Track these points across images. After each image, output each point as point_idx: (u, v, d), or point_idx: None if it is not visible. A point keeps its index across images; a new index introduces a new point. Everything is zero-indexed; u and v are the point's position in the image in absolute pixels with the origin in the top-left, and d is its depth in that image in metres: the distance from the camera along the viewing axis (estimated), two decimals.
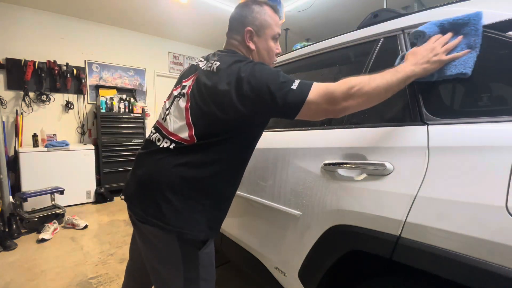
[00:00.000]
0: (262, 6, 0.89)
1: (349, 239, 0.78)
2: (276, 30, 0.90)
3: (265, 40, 0.90)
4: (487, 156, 0.55)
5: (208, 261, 0.86)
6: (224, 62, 0.81)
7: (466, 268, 0.53)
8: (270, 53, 0.92)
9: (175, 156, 0.79)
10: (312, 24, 4.06)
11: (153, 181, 0.79)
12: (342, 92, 0.68)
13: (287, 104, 0.71)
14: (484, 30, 0.65)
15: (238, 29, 0.89)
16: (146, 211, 0.78)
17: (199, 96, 0.81)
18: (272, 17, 0.89)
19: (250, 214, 1.23)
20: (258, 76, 0.73)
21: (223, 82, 0.76)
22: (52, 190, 2.97)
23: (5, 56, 3.33)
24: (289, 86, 0.71)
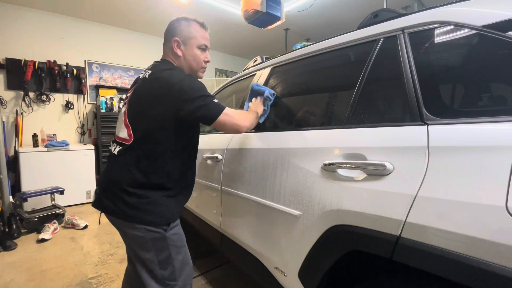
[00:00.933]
0: (188, 21, 1.07)
1: (349, 239, 0.78)
2: (201, 41, 1.07)
3: (191, 49, 1.06)
4: (487, 156, 0.55)
5: (177, 241, 1.00)
6: (155, 70, 0.99)
7: (466, 268, 0.53)
8: (196, 59, 1.08)
9: (121, 158, 0.97)
10: (312, 24, 4.06)
11: (109, 182, 0.97)
12: (242, 115, 1.06)
13: (210, 111, 0.94)
14: (484, 30, 0.65)
15: (168, 39, 1.06)
16: (110, 207, 0.95)
17: (134, 99, 1.00)
18: (197, 30, 1.07)
19: (250, 214, 1.23)
20: (184, 84, 0.92)
21: (154, 84, 0.95)
22: (52, 190, 2.97)
23: (5, 56, 3.33)
24: (212, 99, 0.95)
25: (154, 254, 0.95)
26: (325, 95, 1.22)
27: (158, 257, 0.95)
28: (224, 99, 1.99)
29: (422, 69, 0.75)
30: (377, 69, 0.87)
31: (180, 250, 1.01)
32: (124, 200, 0.92)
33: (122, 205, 0.93)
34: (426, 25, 0.77)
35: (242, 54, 5.71)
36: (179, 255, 1.00)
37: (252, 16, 2.65)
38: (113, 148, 1.03)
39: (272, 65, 1.41)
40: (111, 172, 0.98)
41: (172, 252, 0.97)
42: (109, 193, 0.96)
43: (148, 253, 0.95)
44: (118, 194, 0.93)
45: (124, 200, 0.92)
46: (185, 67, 1.07)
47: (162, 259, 0.96)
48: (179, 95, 0.91)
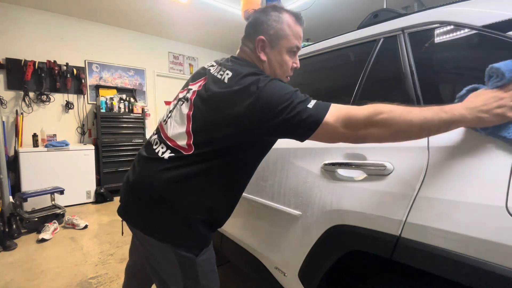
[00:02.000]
0: (281, 13, 0.81)
1: (349, 239, 0.78)
2: (293, 43, 0.82)
3: (278, 52, 0.82)
4: (487, 156, 0.55)
5: (207, 266, 0.83)
6: (236, 73, 0.75)
7: (466, 268, 0.53)
8: (283, 67, 0.84)
9: (168, 167, 0.75)
10: (312, 24, 4.06)
11: (145, 192, 0.76)
12: (364, 117, 0.61)
13: (300, 124, 0.65)
14: (484, 30, 0.65)
15: (251, 36, 0.83)
16: (139, 220, 0.78)
17: (204, 103, 0.76)
18: (291, 27, 0.81)
19: (250, 214, 1.23)
20: (271, 92, 0.68)
21: (233, 93, 0.71)
22: (52, 190, 2.97)
23: (5, 56, 3.33)
24: (305, 105, 0.65)
25: (180, 279, 0.79)
26: (325, 95, 1.22)
27: (184, 283, 0.79)
28: None
29: (422, 69, 0.75)
30: (377, 69, 0.87)
31: (209, 276, 0.84)
32: (157, 216, 0.75)
33: (155, 220, 0.75)
34: (426, 25, 0.77)
35: None
36: (206, 281, 0.83)
37: None
38: (159, 149, 0.79)
39: None
40: (150, 178, 0.76)
41: (200, 279, 0.80)
42: (140, 203, 0.77)
43: (173, 278, 0.80)
44: (151, 207, 0.75)
45: (157, 215, 0.75)
46: (268, 73, 0.82)
47: (188, 284, 0.80)
48: (269, 108, 0.67)
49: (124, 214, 0.82)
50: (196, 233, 0.78)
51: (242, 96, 0.69)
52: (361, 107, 0.64)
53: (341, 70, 1.13)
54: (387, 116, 0.59)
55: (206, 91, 0.77)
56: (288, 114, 0.65)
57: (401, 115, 0.58)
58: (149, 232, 0.76)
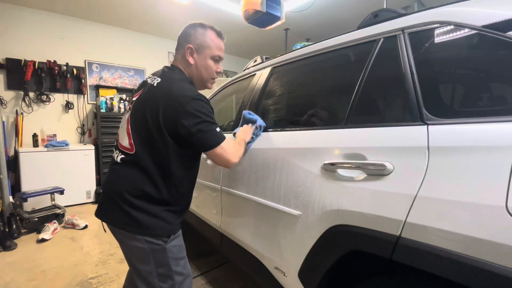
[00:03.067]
0: (206, 29, 1.01)
1: (349, 239, 0.78)
2: (215, 52, 1.02)
3: (204, 58, 1.01)
4: (487, 156, 0.55)
5: (177, 253, 0.96)
6: (165, 78, 0.95)
7: (466, 268, 0.53)
8: (208, 70, 1.03)
9: (124, 167, 0.93)
10: (312, 24, 4.06)
11: (112, 192, 0.92)
12: (235, 150, 1.00)
13: (208, 140, 0.91)
14: (484, 30, 0.65)
15: (182, 45, 1.01)
16: (113, 217, 0.92)
17: (138, 107, 0.94)
18: (213, 40, 1.01)
19: (250, 214, 1.23)
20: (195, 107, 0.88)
21: (160, 95, 0.90)
22: (52, 190, 2.97)
23: (5, 56, 3.33)
24: (215, 128, 0.92)
25: (153, 266, 0.92)
26: (325, 95, 1.22)
27: (157, 270, 0.92)
28: (225, 99, 1.99)
29: (422, 69, 0.75)
30: (377, 69, 0.87)
31: (180, 262, 0.97)
32: (125, 211, 0.89)
33: (124, 216, 0.89)
34: (426, 25, 0.77)
35: (242, 54, 5.71)
36: (179, 267, 0.96)
37: (252, 16, 2.65)
38: (116, 155, 0.97)
39: (272, 65, 1.41)
40: (113, 181, 0.94)
41: (171, 265, 0.93)
42: (110, 203, 0.92)
43: (147, 266, 0.92)
44: (119, 204, 0.89)
45: (125, 210, 0.89)
46: (195, 76, 1.03)
47: (161, 272, 0.92)
48: (184, 114, 0.86)
49: (100, 215, 0.96)
50: (163, 221, 0.92)
51: (166, 98, 0.88)
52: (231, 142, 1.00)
53: (341, 70, 1.13)
54: (239, 150, 1.05)
55: (141, 97, 0.96)
56: (195, 126, 0.88)
57: (241, 149, 1.06)
58: (121, 225, 0.90)
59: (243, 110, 1.32)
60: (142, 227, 0.89)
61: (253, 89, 1.45)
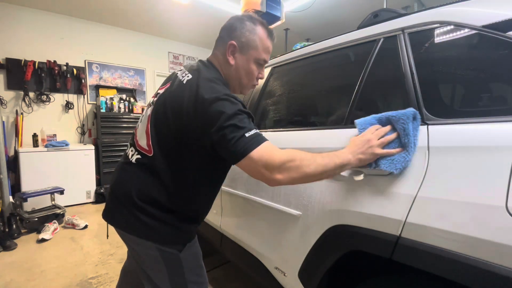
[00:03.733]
0: (256, 25, 0.84)
1: (349, 239, 0.78)
2: (261, 55, 0.86)
3: (247, 60, 0.86)
4: (487, 156, 0.55)
5: (193, 262, 0.87)
6: (195, 76, 0.79)
7: (466, 268, 0.53)
8: (249, 76, 0.88)
9: (139, 169, 0.81)
10: (312, 24, 4.06)
11: (123, 195, 0.81)
12: (280, 162, 0.67)
13: (231, 149, 0.69)
14: (484, 30, 0.65)
15: (224, 39, 0.86)
16: (122, 221, 0.83)
17: (161, 104, 0.81)
18: (262, 40, 0.85)
19: (250, 214, 1.23)
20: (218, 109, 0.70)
21: (187, 94, 0.75)
22: (52, 190, 2.97)
23: (5, 56, 3.33)
24: (242, 133, 0.69)
25: (165, 275, 0.83)
26: (325, 95, 1.22)
27: (171, 278, 0.83)
28: None
29: (422, 69, 0.75)
30: (377, 69, 0.87)
31: (196, 271, 0.88)
32: (135, 216, 0.79)
33: (134, 220, 0.79)
34: (426, 25, 0.77)
35: None
36: (194, 276, 0.86)
37: None
38: (131, 153, 0.85)
39: (272, 65, 1.41)
40: (124, 182, 0.83)
41: (186, 274, 0.84)
42: (119, 205, 0.83)
43: (159, 273, 0.83)
44: (129, 208, 0.79)
45: (135, 215, 0.79)
46: (233, 78, 0.87)
47: (175, 281, 0.84)
48: (207, 119, 0.71)
49: (108, 217, 0.87)
50: (177, 229, 0.82)
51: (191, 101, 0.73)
52: (281, 152, 0.69)
53: (341, 70, 1.13)
54: (298, 163, 0.68)
55: (167, 93, 0.82)
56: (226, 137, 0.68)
57: (309, 164, 0.68)
58: (132, 231, 0.81)
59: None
60: (153, 234, 0.80)
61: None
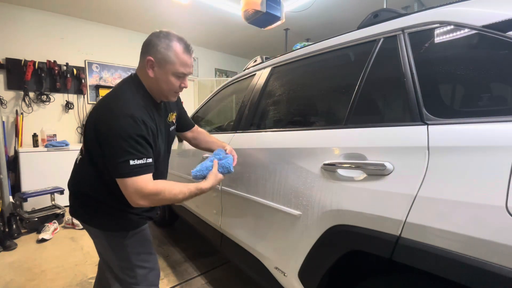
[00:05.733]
0: (170, 40, 0.90)
1: (349, 239, 0.78)
2: (178, 69, 0.91)
3: (165, 73, 0.91)
4: (487, 156, 0.55)
5: (138, 248, 1.00)
6: (111, 93, 0.93)
7: (466, 268, 0.53)
8: (169, 86, 0.94)
9: (81, 167, 0.97)
10: (312, 24, 4.06)
11: (74, 190, 0.99)
12: (145, 194, 0.83)
13: (113, 169, 0.83)
14: (484, 30, 0.65)
15: (143, 54, 0.93)
16: (78, 212, 0.99)
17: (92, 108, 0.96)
18: (178, 55, 0.90)
19: (250, 214, 1.23)
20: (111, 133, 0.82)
21: (99, 103, 0.92)
22: (52, 190, 2.97)
23: (5, 56, 3.32)
24: (123, 158, 0.81)
25: (115, 258, 0.97)
26: (325, 95, 1.22)
27: (119, 263, 0.97)
28: (225, 99, 1.99)
29: (422, 69, 0.75)
30: (377, 69, 0.87)
31: (142, 256, 1.00)
32: (84, 206, 0.97)
33: (82, 212, 0.98)
34: (426, 25, 0.77)
35: (242, 54, 5.71)
36: (140, 261, 0.99)
37: (252, 16, 2.65)
38: (78, 155, 1.03)
39: (272, 65, 1.41)
40: (75, 179, 1.00)
41: (132, 259, 0.97)
42: (74, 198, 0.99)
43: (110, 257, 0.98)
44: (79, 200, 0.98)
45: (84, 206, 0.97)
46: (155, 88, 0.95)
47: (123, 265, 0.97)
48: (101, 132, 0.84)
49: (71, 211, 1.02)
50: (116, 218, 0.96)
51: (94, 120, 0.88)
52: (152, 184, 0.85)
53: (341, 70, 1.13)
54: (160, 197, 0.86)
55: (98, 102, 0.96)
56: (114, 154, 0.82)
57: (171, 196, 0.88)
58: (83, 220, 0.98)
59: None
60: (97, 222, 0.96)
61: (253, 89, 1.45)
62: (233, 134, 1.44)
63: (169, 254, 2.15)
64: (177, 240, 2.35)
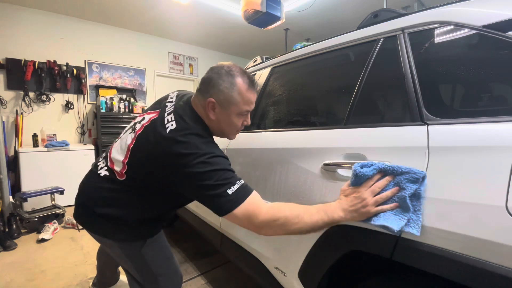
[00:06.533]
0: (234, 79, 0.82)
1: (349, 239, 0.78)
2: (243, 108, 0.85)
3: (228, 115, 0.85)
4: (487, 156, 0.55)
5: (156, 255, 0.97)
6: (179, 127, 0.80)
7: (466, 268, 0.53)
8: (231, 127, 0.89)
9: (104, 183, 0.89)
10: (312, 24, 4.06)
11: (88, 200, 0.92)
12: (264, 220, 0.72)
13: (216, 207, 0.75)
14: (484, 30, 0.65)
15: (204, 93, 0.86)
16: (85, 221, 0.94)
17: (143, 144, 0.84)
18: (242, 94, 0.83)
19: None
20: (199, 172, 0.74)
21: (167, 153, 0.77)
22: (52, 190, 2.97)
23: (5, 56, 3.33)
24: (225, 190, 0.73)
25: (133, 267, 0.96)
26: (325, 95, 1.22)
27: (139, 272, 0.96)
28: None
29: (422, 69, 0.75)
30: (377, 69, 0.87)
31: (161, 263, 0.98)
32: (97, 219, 0.90)
33: (96, 222, 0.91)
34: (426, 25, 0.77)
35: (242, 54, 5.71)
36: (158, 268, 0.97)
37: (252, 16, 2.65)
38: (100, 166, 0.93)
39: (272, 65, 1.41)
40: (91, 189, 0.93)
41: (152, 267, 0.95)
42: (85, 208, 0.92)
43: (128, 266, 0.98)
44: (94, 214, 0.89)
45: (97, 219, 0.89)
46: (216, 129, 0.89)
47: (144, 273, 0.96)
48: (189, 177, 0.75)
49: (75, 216, 0.98)
50: (133, 230, 0.92)
51: (173, 164, 0.77)
52: (267, 208, 0.73)
53: (341, 70, 1.13)
54: (282, 222, 0.71)
55: (149, 133, 0.84)
56: (206, 192, 0.74)
57: (294, 222, 0.70)
58: (94, 230, 0.93)
59: None
60: (111, 234, 0.92)
61: None
62: None
63: None
64: (177, 240, 2.35)
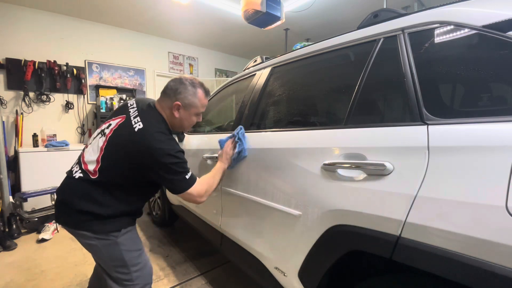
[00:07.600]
0: (195, 88, 1.11)
1: (349, 239, 0.78)
2: (200, 110, 1.15)
3: (189, 114, 1.13)
4: (487, 156, 0.55)
5: (131, 245, 1.05)
6: (145, 126, 1.00)
7: (466, 268, 0.53)
8: (189, 123, 1.16)
9: (80, 183, 1.00)
10: (312, 24, 4.06)
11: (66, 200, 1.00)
12: (203, 194, 1.08)
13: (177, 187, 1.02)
14: (484, 30, 0.65)
15: (170, 97, 1.10)
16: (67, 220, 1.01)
17: (114, 142, 1.01)
18: (201, 100, 1.13)
19: (250, 214, 1.23)
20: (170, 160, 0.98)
21: (139, 145, 0.97)
22: (52, 190, 2.96)
23: (5, 56, 3.32)
24: (184, 178, 1.02)
25: (108, 259, 1.02)
26: (325, 95, 1.22)
27: (112, 262, 1.02)
28: (225, 99, 2.00)
29: (422, 69, 0.75)
30: (377, 69, 0.87)
31: (134, 253, 1.06)
32: (75, 214, 0.98)
33: (74, 217, 0.99)
34: (426, 25, 0.77)
35: (242, 54, 5.71)
36: (133, 259, 1.05)
37: (252, 16, 2.65)
38: (75, 171, 1.04)
39: (272, 65, 1.41)
40: (68, 191, 1.02)
41: (125, 256, 1.02)
42: (64, 207, 1.01)
43: (103, 259, 1.03)
44: (70, 209, 0.98)
45: (75, 214, 0.98)
46: (177, 125, 1.14)
47: (117, 264, 1.02)
48: (160, 165, 0.97)
49: (56, 218, 1.05)
50: (109, 221, 1.00)
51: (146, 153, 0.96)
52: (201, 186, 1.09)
53: (341, 70, 1.13)
54: (210, 190, 1.12)
55: (119, 134, 1.02)
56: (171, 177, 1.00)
57: (212, 185, 1.14)
58: (74, 225, 1.00)
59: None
60: (88, 226, 0.98)
61: (253, 89, 1.45)
62: None
63: (169, 254, 2.15)
64: (177, 240, 2.35)
